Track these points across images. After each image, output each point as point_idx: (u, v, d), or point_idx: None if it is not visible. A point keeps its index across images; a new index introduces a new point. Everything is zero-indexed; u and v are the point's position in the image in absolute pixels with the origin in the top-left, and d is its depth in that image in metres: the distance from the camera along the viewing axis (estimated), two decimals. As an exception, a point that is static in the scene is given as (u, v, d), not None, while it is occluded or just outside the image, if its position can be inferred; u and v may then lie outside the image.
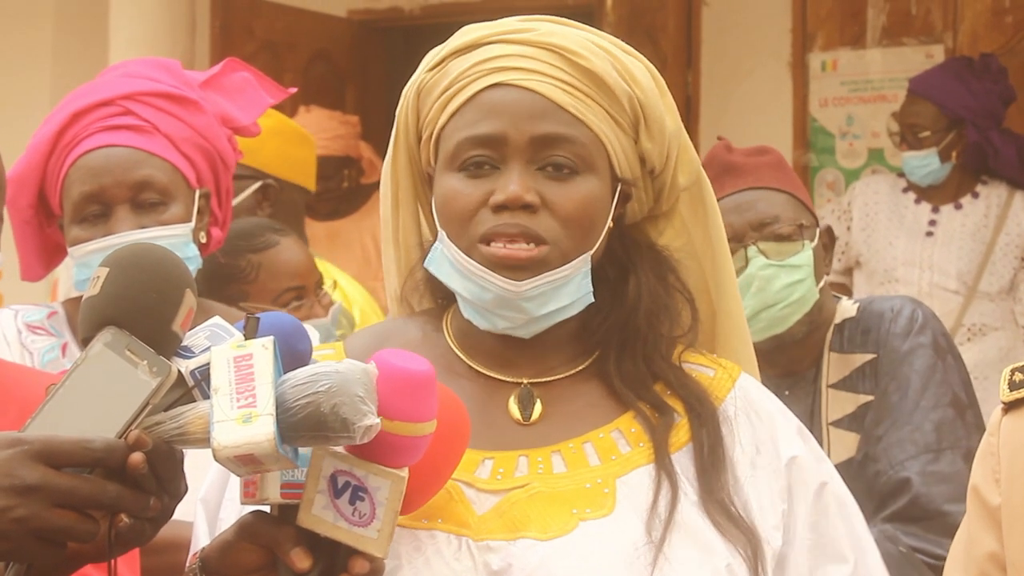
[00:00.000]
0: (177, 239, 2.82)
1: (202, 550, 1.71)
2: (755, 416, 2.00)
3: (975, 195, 6.20)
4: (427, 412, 1.66)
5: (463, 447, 1.79)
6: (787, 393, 3.36)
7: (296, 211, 4.74)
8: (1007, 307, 6.18)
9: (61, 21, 8.30)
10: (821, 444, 3.29)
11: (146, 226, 2.80)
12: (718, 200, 3.18)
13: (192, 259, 2.83)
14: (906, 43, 7.31)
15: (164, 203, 2.83)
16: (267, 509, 1.70)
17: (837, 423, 3.31)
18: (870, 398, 3.28)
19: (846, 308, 3.36)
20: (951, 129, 6.08)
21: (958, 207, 6.20)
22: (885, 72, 7.21)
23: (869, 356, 3.30)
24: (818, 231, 3.35)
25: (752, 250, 3.27)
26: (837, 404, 3.32)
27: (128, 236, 2.76)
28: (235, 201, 4.16)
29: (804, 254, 3.29)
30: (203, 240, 2.90)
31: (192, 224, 2.86)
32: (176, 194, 2.86)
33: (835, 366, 3.33)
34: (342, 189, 6.81)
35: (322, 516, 1.65)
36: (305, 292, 3.89)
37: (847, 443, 3.29)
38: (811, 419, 3.33)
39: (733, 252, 3.23)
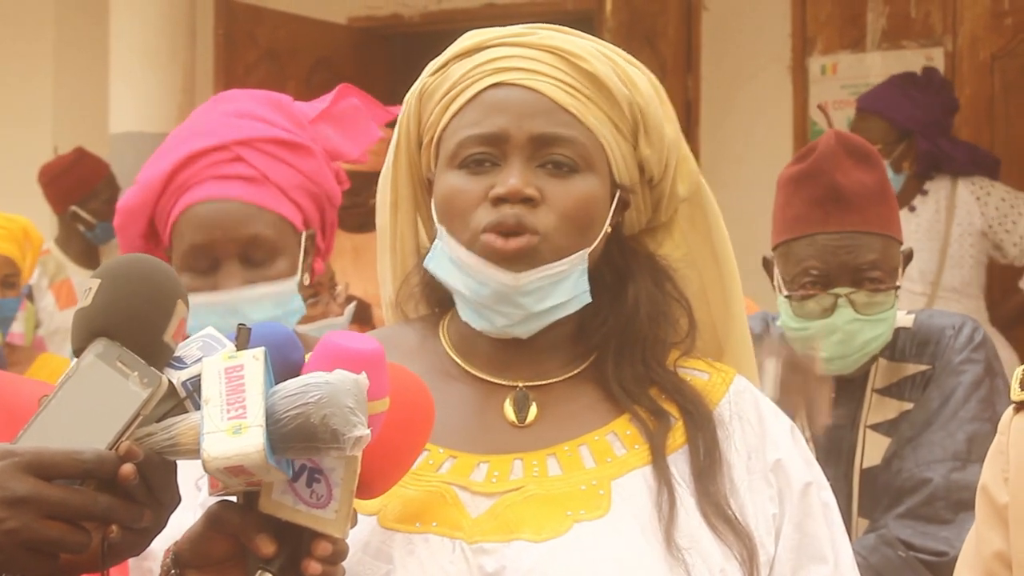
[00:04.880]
0: (283, 295, 2.80)
1: (174, 544, 1.71)
2: (747, 420, 2.00)
3: (924, 193, 6.39)
4: (377, 390, 1.65)
5: (427, 430, 1.78)
6: (833, 396, 3.37)
7: None
8: (976, 306, 6.28)
9: (62, 30, 8.33)
10: (856, 446, 3.31)
11: (253, 281, 2.77)
12: (813, 234, 3.20)
13: (296, 311, 2.81)
14: (906, 46, 7.32)
15: (272, 258, 2.81)
16: (235, 499, 1.69)
17: (876, 427, 3.32)
18: (912, 405, 3.30)
19: (900, 318, 3.36)
20: (901, 141, 6.26)
21: (912, 210, 6.36)
22: (885, 75, 7.20)
23: (923, 367, 3.31)
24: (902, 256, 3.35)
25: (842, 300, 3.25)
26: (880, 409, 3.32)
27: (235, 293, 2.75)
28: None
29: (892, 310, 3.28)
30: (306, 282, 2.91)
31: (298, 276, 2.85)
32: (284, 247, 2.84)
33: (883, 372, 3.34)
34: (369, 205, 6.79)
35: (282, 501, 1.65)
36: (320, 290, 3.92)
37: (881, 447, 3.30)
38: (853, 421, 3.34)
39: (819, 292, 3.23)
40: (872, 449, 3.31)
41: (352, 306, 4.19)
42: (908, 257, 3.39)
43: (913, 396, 3.30)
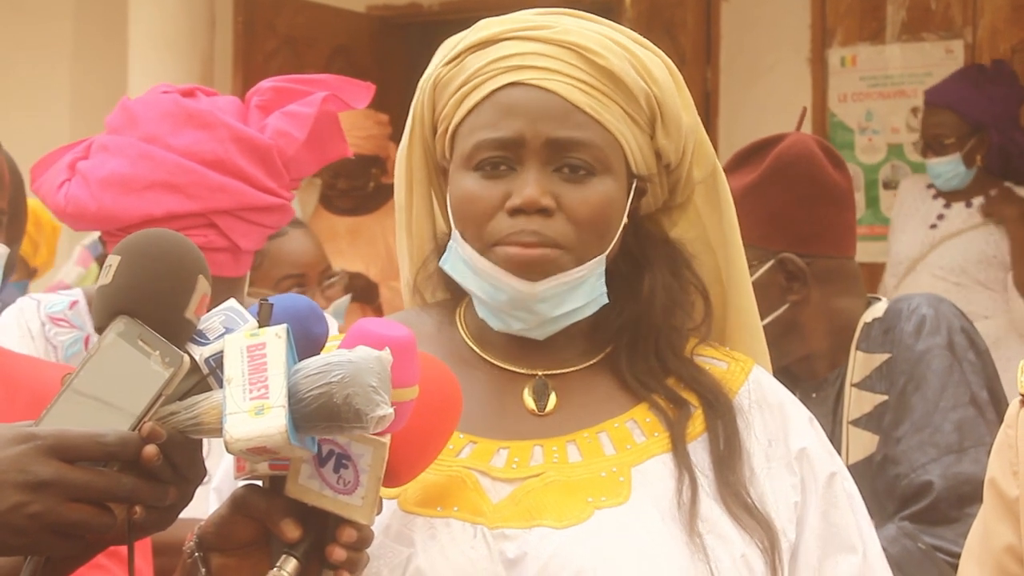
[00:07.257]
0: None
1: (199, 527, 1.71)
2: (768, 408, 2.00)
3: (988, 197, 6.30)
4: (408, 378, 1.64)
5: (454, 419, 1.78)
6: (814, 396, 3.36)
7: None
8: (1000, 297, 6.25)
9: (81, 17, 8.33)
10: (840, 443, 3.29)
11: None
12: None
13: None
14: (925, 38, 7.31)
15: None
16: (261, 483, 1.69)
17: (855, 422, 3.31)
18: (885, 397, 3.28)
19: (876, 308, 3.35)
20: (973, 134, 6.22)
21: (968, 204, 6.32)
22: (904, 67, 7.21)
23: (885, 355, 3.29)
24: (768, 264, 3.30)
25: None
26: (857, 403, 3.31)
27: None
28: None
29: None
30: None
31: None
32: (233, 294, 2.96)
33: (860, 365, 3.32)
34: (368, 188, 6.82)
35: (308, 485, 1.64)
36: (306, 281, 3.90)
37: (864, 442, 3.29)
38: (833, 418, 3.33)
39: None
40: (855, 444, 3.30)
41: (342, 301, 4.14)
42: (783, 263, 3.31)
43: (881, 387, 3.29)
